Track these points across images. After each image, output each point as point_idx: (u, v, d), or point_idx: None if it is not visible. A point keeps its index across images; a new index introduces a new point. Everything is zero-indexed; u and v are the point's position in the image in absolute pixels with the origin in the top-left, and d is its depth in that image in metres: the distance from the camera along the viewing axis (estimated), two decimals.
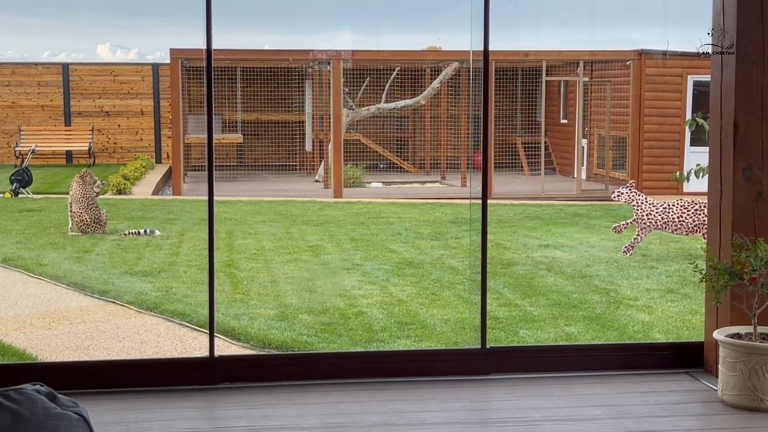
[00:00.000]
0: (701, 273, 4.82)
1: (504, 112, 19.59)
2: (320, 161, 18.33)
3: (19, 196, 14.58)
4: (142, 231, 11.28)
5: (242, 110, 19.60)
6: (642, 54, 16.74)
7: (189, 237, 11.24)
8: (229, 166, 19.49)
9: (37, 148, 17.86)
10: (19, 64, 20.54)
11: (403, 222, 12.74)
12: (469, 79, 18.02)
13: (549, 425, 4.44)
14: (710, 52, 4.97)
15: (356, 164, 17.93)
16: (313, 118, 18.98)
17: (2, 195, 14.47)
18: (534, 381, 5.11)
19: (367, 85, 18.83)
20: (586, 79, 17.51)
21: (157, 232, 11.31)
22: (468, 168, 17.72)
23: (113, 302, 7.92)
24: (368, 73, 18.75)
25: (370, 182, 17.79)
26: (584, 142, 17.72)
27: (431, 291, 8.41)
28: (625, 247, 10.14)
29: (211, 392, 4.91)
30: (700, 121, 9.89)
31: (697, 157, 14.44)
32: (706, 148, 5.30)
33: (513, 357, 5.34)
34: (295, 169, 19.41)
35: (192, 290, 8.25)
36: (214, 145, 5.18)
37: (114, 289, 8.30)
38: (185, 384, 4.97)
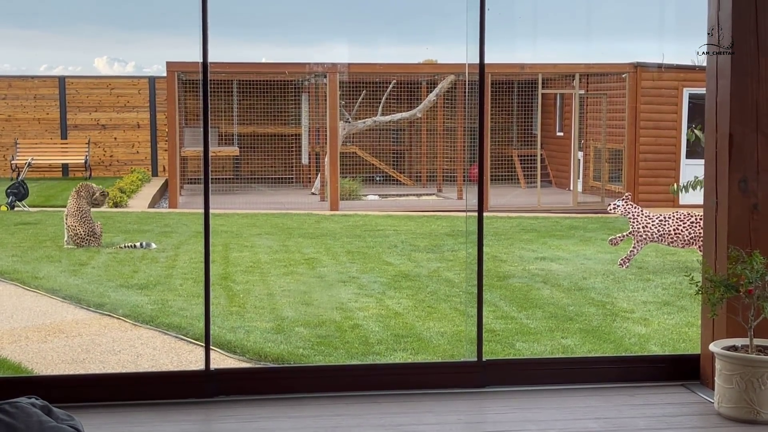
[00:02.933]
0: (697, 285, 4.82)
1: (500, 124, 19.62)
2: (317, 174, 18.34)
3: (15, 209, 14.57)
4: (138, 244, 11.27)
5: (239, 123, 19.62)
6: (637, 67, 16.78)
7: (185, 250, 11.23)
8: (226, 178, 19.49)
9: (33, 161, 17.86)
10: (16, 77, 20.55)
11: (400, 234, 12.74)
12: (465, 92, 18.05)
13: None
14: (709, 52, 4.97)
15: (353, 177, 17.94)
16: (309, 131, 19.00)
17: None
18: (530, 394, 5.11)
19: (363, 98, 18.86)
20: (582, 91, 17.56)
21: (153, 245, 11.30)
22: (464, 180, 17.74)
23: (109, 315, 7.91)
24: (364, 86, 18.78)
25: (366, 195, 17.79)
26: (580, 154, 17.75)
27: (427, 304, 8.40)
28: (622, 260, 10.14)
29: (207, 405, 4.90)
30: (699, 133, 9.92)
31: (693, 169, 14.48)
32: (702, 161, 5.31)
33: (509, 370, 5.33)
34: (292, 182, 19.42)
35: (188, 303, 8.24)
36: (210, 157, 5.18)
37: (110, 302, 8.28)
38: (181, 397, 4.96)
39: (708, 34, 4.97)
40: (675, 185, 11.69)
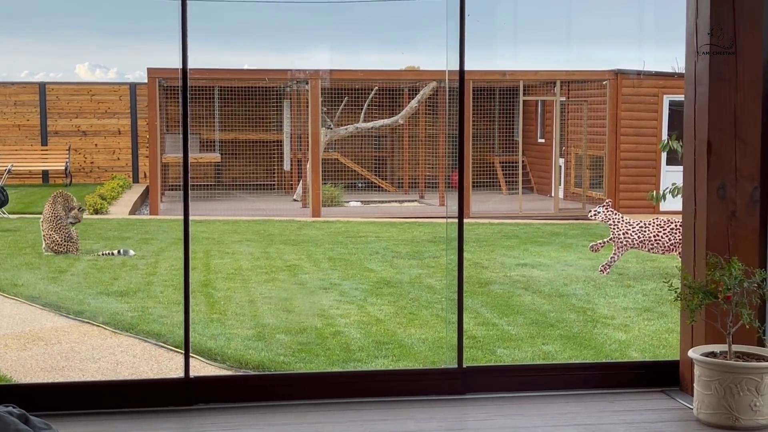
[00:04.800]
0: (676, 292, 4.84)
1: (482, 131, 19.67)
2: (298, 180, 18.32)
3: None
4: (115, 251, 11.21)
5: (220, 129, 19.58)
6: (618, 74, 16.86)
7: (166, 257, 11.19)
8: (207, 185, 19.44)
9: (13, 168, 17.76)
10: None
11: (381, 241, 12.74)
12: (446, 99, 18.09)
13: None
14: (710, 52, 4.98)
15: (334, 183, 17.94)
16: (291, 138, 18.99)
17: None
18: (511, 400, 5.11)
19: (345, 105, 18.86)
20: (563, 98, 17.62)
21: (132, 252, 11.25)
22: (446, 187, 17.76)
23: (89, 323, 7.86)
24: (346, 93, 18.78)
25: (348, 201, 17.79)
26: (561, 161, 17.81)
27: (409, 310, 8.40)
28: (602, 266, 10.18)
29: (186, 413, 4.88)
30: (673, 143, 9.98)
31: (673, 176, 14.55)
32: (682, 167, 5.33)
33: (490, 376, 5.33)
34: (273, 189, 19.39)
35: (168, 310, 8.20)
36: (189, 164, 5.17)
37: (89, 310, 8.24)
38: (161, 405, 4.93)
39: (708, 34, 4.99)
40: (653, 191, 11.74)
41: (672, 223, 10.00)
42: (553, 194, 17.15)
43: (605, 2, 20.11)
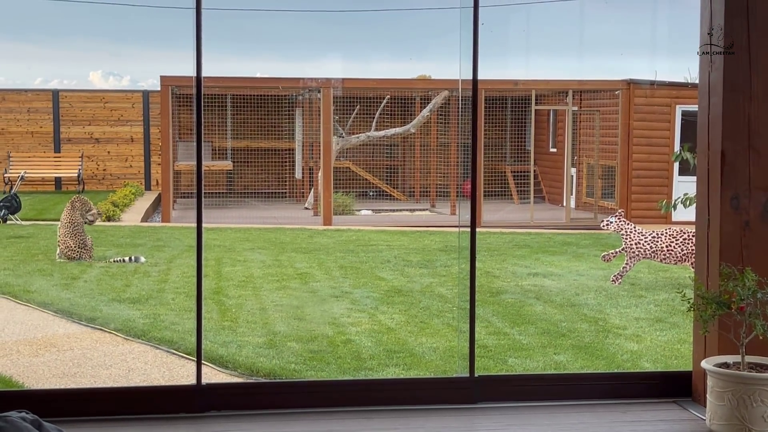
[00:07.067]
0: (689, 302, 4.82)
1: (494, 140, 19.67)
2: (310, 189, 18.35)
3: (8, 222, 14.54)
4: (126, 258, 11.25)
5: (232, 137, 19.63)
6: (630, 84, 16.85)
7: (177, 264, 11.21)
8: (219, 193, 19.49)
9: (26, 175, 17.84)
10: (9, 91, 20.56)
11: (393, 250, 12.73)
12: (458, 108, 18.10)
13: None
14: (710, 52, 4.97)
15: (346, 192, 17.96)
16: (303, 146, 19.03)
17: None
18: (522, 410, 5.10)
19: (357, 113, 18.89)
20: (575, 108, 17.61)
21: (142, 259, 11.27)
22: (457, 196, 17.76)
23: (101, 329, 7.88)
24: (358, 101, 18.81)
25: (359, 210, 17.80)
26: (573, 170, 17.79)
27: (420, 319, 8.40)
28: (614, 276, 10.15)
29: (198, 420, 4.89)
30: (685, 154, 9.97)
31: (685, 186, 14.52)
32: (695, 178, 5.32)
33: (502, 386, 5.32)
34: (285, 197, 19.42)
35: (180, 317, 8.22)
36: (203, 172, 5.18)
37: (101, 316, 8.26)
38: (172, 412, 4.94)
39: (708, 34, 4.98)
40: (663, 200, 11.70)
41: (684, 233, 9.97)
42: (564, 204, 17.12)
43: (618, 12, 20.11)
